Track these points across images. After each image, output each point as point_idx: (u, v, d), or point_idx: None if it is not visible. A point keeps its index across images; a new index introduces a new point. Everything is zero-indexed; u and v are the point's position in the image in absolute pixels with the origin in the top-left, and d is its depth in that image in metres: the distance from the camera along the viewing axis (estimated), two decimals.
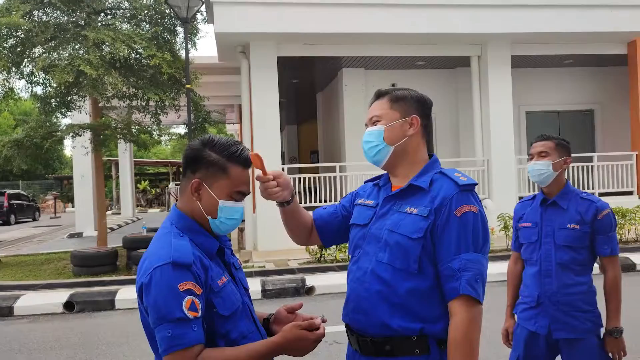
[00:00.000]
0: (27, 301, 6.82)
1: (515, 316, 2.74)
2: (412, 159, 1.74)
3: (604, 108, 13.45)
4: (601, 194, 11.24)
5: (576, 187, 12.24)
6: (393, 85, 12.36)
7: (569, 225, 2.52)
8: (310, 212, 1.99)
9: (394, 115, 1.74)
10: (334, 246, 8.50)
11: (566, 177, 2.67)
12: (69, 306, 6.72)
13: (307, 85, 14.35)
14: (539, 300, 2.56)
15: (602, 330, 2.56)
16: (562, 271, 2.52)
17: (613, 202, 10.02)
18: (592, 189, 11.23)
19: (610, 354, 2.51)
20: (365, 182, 1.96)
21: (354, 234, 1.81)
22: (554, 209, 2.58)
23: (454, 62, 11.98)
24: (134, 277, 8.19)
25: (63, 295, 6.90)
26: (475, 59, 11.02)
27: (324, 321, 1.56)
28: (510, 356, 2.69)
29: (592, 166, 11.32)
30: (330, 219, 1.95)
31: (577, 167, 11.25)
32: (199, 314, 1.41)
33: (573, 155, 2.71)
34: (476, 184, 1.67)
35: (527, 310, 2.62)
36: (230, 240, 1.70)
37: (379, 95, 1.80)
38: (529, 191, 10.96)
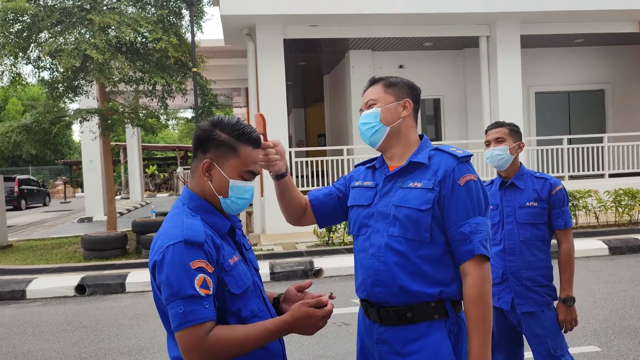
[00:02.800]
0: (39, 285, 6.91)
1: None
2: (406, 139, 1.86)
3: (615, 88, 13.27)
4: (611, 175, 11.16)
5: (586, 168, 12.12)
6: (401, 67, 12.25)
7: (527, 204, 2.69)
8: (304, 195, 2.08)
9: (388, 99, 1.86)
10: (343, 229, 8.54)
11: (577, 158, 2.72)
12: (80, 289, 6.81)
13: (314, 67, 14.24)
14: (504, 277, 2.71)
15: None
16: (525, 248, 2.68)
17: (623, 183, 9.97)
18: (602, 170, 11.14)
19: (563, 323, 2.67)
20: (356, 166, 2.06)
21: (357, 214, 1.89)
22: (512, 190, 2.74)
23: (462, 42, 11.83)
24: (143, 260, 8.28)
25: (74, 279, 6.99)
26: (484, 39, 10.88)
27: (332, 297, 1.58)
28: None
29: (602, 147, 11.20)
30: (325, 199, 2.03)
31: (587, 147, 11.14)
32: (211, 292, 1.43)
33: (583, 135, 2.76)
34: (472, 155, 1.81)
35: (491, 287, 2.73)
36: (240, 222, 1.71)
37: (373, 82, 1.93)
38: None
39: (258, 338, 1.46)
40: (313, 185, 10.51)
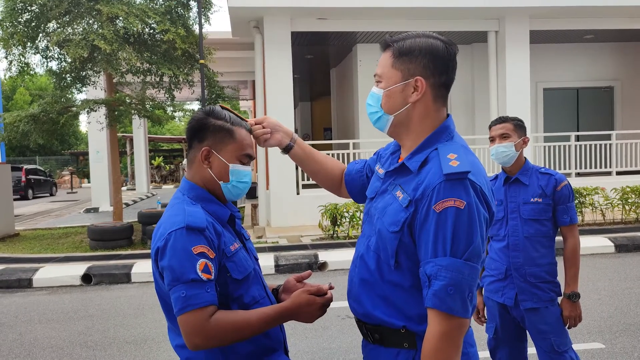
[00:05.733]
0: (46, 273, 6.96)
1: (482, 289, 2.89)
2: (418, 128, 1.44)
3: (624, 84, 13.16)
4: (619, 173, 11.09)
5: (593, 165, 12.01)
6: None
7: (532, 199, 2.67)
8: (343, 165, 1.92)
9: (394, 77, 1.42)
10: (348, 223, 8.54)
11: (585, 154, 2.70)
12: (86, 279, 6.86)
13: (321, 61, 14.20)
14: (507, 273, 2.70)
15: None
16: (529, 244, 2.66)
17: (631, 181, 9.92)
18: (610, 167, 11.07)
19: (567, 318, 2.66)
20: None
21: (365, 205, 1.65)
22: (516, 186, 2.72)
23: (470, 37, 11.76)
24: (149, 251, 8.31)
25: (81, 268, 7.04)
26: (493, 34, 10.81)
27: (331, 288, 1.60)
28: (488, 327, 2.84)
29: (610, 144, 11.12)
30: (356, 176, 1.83)
31: (595, 144, 11.06)
32: (212, 277, 1.45)
33: (591, 132, 2.74)
34: (468, 172, 1.31)
35: (494, 283, 2.76)
36: (239, 212, 1.74)
37: (383, 46, 1.48)
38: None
39: (259, 323, 1.48)
40: None
